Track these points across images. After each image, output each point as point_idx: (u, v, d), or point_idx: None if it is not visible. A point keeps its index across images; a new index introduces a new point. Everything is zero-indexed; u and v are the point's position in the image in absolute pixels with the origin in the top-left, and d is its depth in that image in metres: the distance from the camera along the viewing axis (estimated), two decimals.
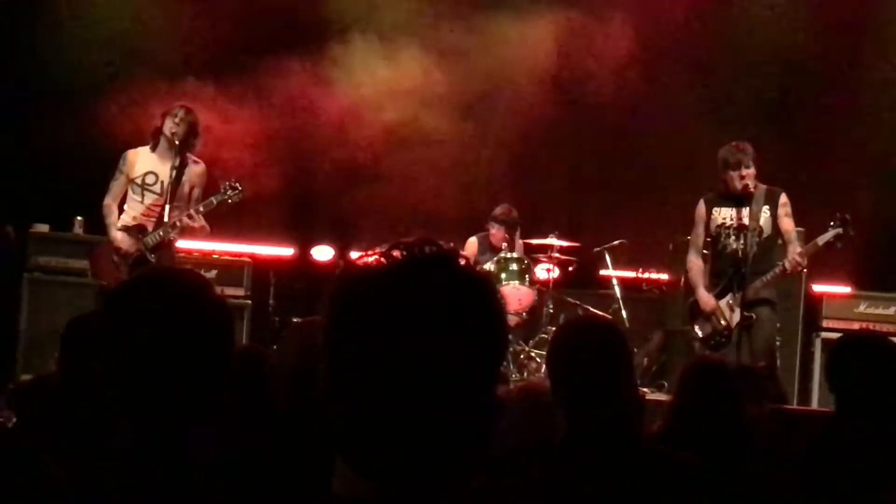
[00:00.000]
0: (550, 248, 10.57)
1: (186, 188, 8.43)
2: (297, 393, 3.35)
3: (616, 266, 10.94)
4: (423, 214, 10.78)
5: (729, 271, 8.24)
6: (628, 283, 11.08)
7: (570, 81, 11.59)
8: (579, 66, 11.49)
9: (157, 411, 2.20)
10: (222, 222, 10.80)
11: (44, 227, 10.22)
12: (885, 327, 9.62)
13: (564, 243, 10.62)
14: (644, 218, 10.92)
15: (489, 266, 10.16)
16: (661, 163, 11.19)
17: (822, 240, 8.12)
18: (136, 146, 8.78)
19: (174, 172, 8.30)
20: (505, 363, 9.80)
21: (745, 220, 8.12)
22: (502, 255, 10.32)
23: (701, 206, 8.42)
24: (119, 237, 8.35)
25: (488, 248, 10.63)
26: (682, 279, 10.34)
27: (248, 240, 11.12)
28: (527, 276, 10.27)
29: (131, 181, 8.41)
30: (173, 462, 2.16)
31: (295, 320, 8.55)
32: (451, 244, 1.67)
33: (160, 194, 8.37)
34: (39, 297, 9.76)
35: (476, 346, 1.57)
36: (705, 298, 8.31)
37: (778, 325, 8.77)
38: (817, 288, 10.37)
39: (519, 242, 10.72)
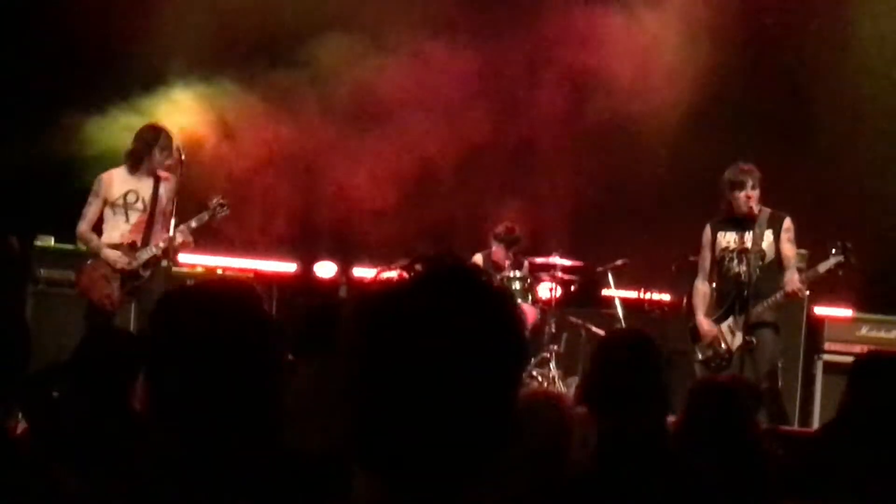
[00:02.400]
0: (553, 266, 10.59)
1: (164, 202, 8.59)
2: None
3: (618, 286, 10.95)
4: (427, 231, 10.81)
5: (731, 294, 8.27)
6: (630, 303, 11.08)
7: (574, 101, 11.61)
8: (583, 85, 11.53)
9: (203, 425, 2.19)
10: (225, 238, 10.86)
11: (48, 240, 10.22)
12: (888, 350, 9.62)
13: (567, 262, 10.65)
14: (647, 238, 10.93)
15: None
16: (665, 183, 11.23)
17: (823, 267, 8.16)
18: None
19: (153, 189, 8.50)
20: None
21: (748, 244, 8.15)
22: (506, 273, 10.35)
23: (707, 230, 8.46)
24: (112, 255, 8.47)
25: (491, 267, 10.66)
26: (685, 300, 10.36)
27: (251, 255, 11.14)
28: (529, 294, 10.30)
29: (111, 203, 8.53)
30: (219, 476, 2.16)
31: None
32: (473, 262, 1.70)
33: (143, 210, 8.51)
34: (43, 309, 9.76)
35: (498, 358, 1.60)
36: (705, 327, 8.34)
37: (780, 346, 8.81)
38: (819, 311, 10.37)
39: (524, 262, 10.74)
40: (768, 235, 8.26)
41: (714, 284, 8.54)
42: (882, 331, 10.27)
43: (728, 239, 8.31)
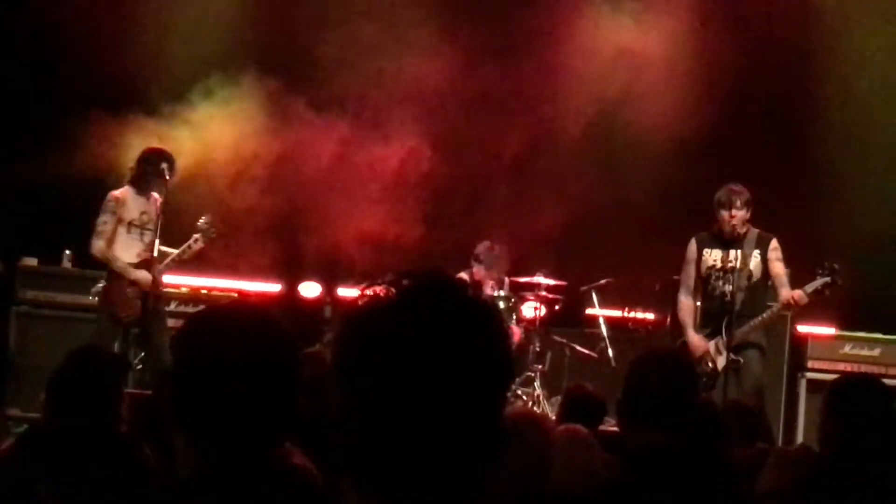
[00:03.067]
0: (537, 286, 10.61)
1: (159, 222, 8.75)
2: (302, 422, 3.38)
3: (603, 305, 10.97)
4: (411, 251, 10.81)
5: (717, 314, 8.29)
6: (615, 322, 11.11)
7: (558, 120, 11.66)
8: (566, 105, 11.57)
9: (223, 443, 2.25)
10: (210, 259, 10.84)
11: (32, 261, 10.20)
12: (871, 368, 9.66)
13: (551, 282, 10.67)
14: (630, 257, 10.96)
15: None
16: (648, 202, 11.26)
17: (810, 287, 8.20)
18: (122, 179, 8.98)
19: (156, 209, 8.67)
20: None
21: (735, 263, 8.18)
22: (490, 292, 10.36)
23: (692, 245, 8.47)
24: (142, 276, 8.59)
25: (473, 285, 10.68)
26: (669, 319, 10.40)
27: (235, 276, 11.12)
28: (514, 314, 10.32)
29: (128, 223, 8.64)
30: (237, 493, 2.21)
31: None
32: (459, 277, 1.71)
33: (154, 230, 8.62)
34: (28, 331, 9.74)
35: (484, 373, 1.60)
36: (695, 342, 8.33)
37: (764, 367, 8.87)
38: (802, 329, 10.41)
39: (506, 280, 10.76)
40: (756, 255, 8.30)
41: (699, 303, 8.55)
42: (865, 349, 10.31)
43: (714, 257, 8.34)
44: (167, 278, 10.46)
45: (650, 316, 11.26)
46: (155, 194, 8.75)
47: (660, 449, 3.42)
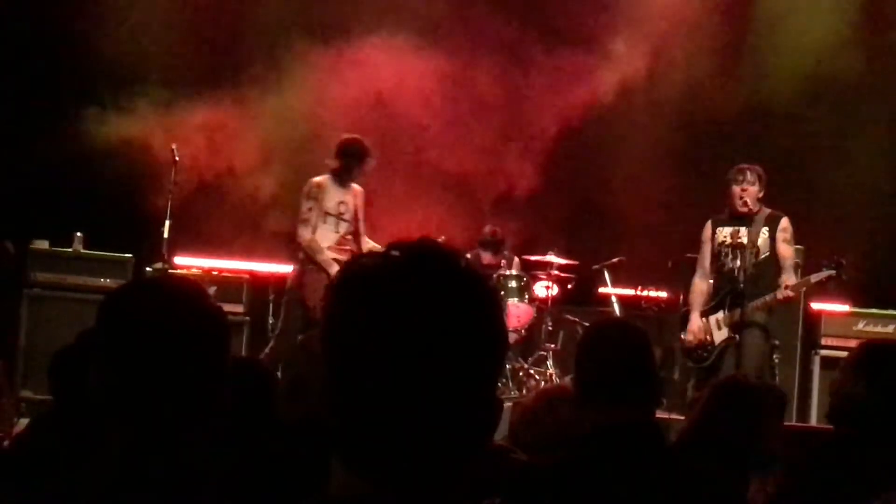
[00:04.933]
0: (549, 265, 10.58)
1: (361, 214, 8.85)
2: (299, 402, 3.37)
3: (615, 283, 10.93)
4: (422, 232, 10.77)
5: (724, 289, 8.31)
6: (627, 300, 11.06)
7: (568, 105, 11.61)
8: (582, 83, 11.53)
9: (151, 418, 2.21)
10: (220, 240, 10.85)
11: (43, 243, 10.20)
12: None
13: (563, 261, 10.63)
14: (643, 235, 10.93)
15: None
16: (660, 181, 11.22)
17: (814, 278, 8.24)
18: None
19: (354, 200, 8.72)
20: (504, 380, 9.82)
21: (743, 240, 8.16)
22: (501, 272, 10.36)
23: (708, 226, 8.49)
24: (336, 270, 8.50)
25: (482, 268, 10.67)
26: (681, 297, 10.35)
27: (246, 257, 11.11)
28: (526, 293, 10.29)
29: (325, 212, 8.64)
30: (168, 469, 2.17)
31: (299, 337, 8.55)
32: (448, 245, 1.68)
33: (350, 222, 8.68)
34: (39, 313, 9.75)
35: (476, 344, 1.57)
36: (693, 325, 8.41)
37: (777, 342, 8.83)
38: (816, 306, 10.35)
39: (515, 259, 10.75)
40: (764, 233, 8.27)
41: (712, 281, 8.54)
42: (879, 325, 10.26)
43: (725, 233, 8.34)
44: (178, 259, 10.51)
45: (663, 294, 11.22)
46: (356, 186, 8.79)
47: (618, 426, 3.28)
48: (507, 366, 10.01)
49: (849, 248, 8.73)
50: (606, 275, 10.89)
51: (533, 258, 10.79)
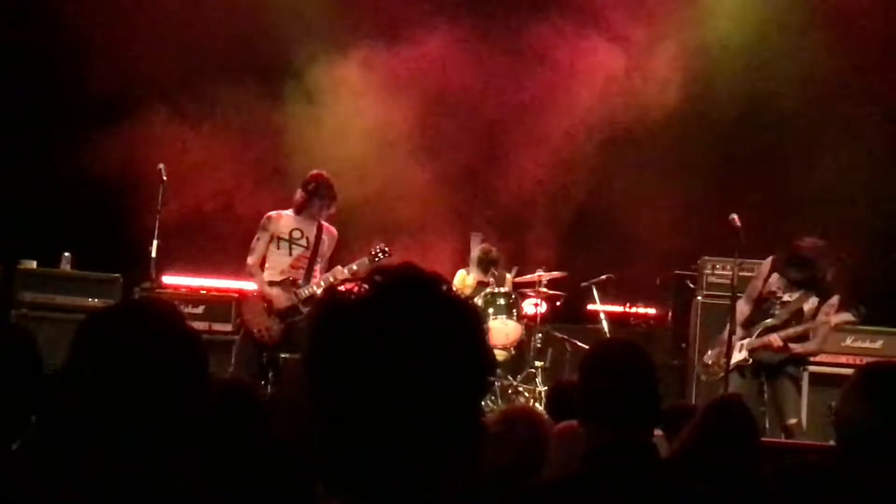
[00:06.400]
0: (538, 282, 10.59)
1: (325, 248, 8.99)
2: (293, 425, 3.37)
3: (604, 301, 10.94)
4: (414, 249, 10.79)
5: (759, 325, 8.44)
6: (616, 317, 11.09)
7: (559, 119, 11.64)
8: (569, 102, 11.55)
9: (129, 443, 2.20)
10: (210, 258, 10.84)
11: (31, 263, 10.18)
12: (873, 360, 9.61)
13: (553, 274, 10.62)
14: (631, 253, 10.95)
15: (477, 300, 10.21)
16: (648, 199, 11.23)
17: (838, 318, 8.45)
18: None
19: (316, 232, 8.91)
20: (492, 397, 9.81)
21: (790, 299, 8.40)
22: (490, 290, 10.37)
23: (768, 265, 8.60)
24: (275, 293, 8.76)
25: (475, 284, 10.68)
26: (669, 313, 10.39)
27: (235, 275, 11.10)
28: (514, 310, 10.29)
29: (277, 238, 8.86)
30: (149, 495, 2.16)
31: (283, 356, 8.55)
32: (435, 270, 1.68)
33: (307, 247, 8.87)
34: None
35: (458, 369, 1.58)
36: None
37: None
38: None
39: (508, 277, 10.75)
40: (814, 302, 8.45)
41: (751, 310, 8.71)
42: (867, 341, 10.27)
43: (780, 285, 8.46)
44: (167, 279, 10.50)
45: (651, 311, 11.26)
46: (328, 225, 9.03)
47: (623, 446, 3.30)
48: (496, 383, 10.01)
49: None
50: (595, 292, 10.89)
51: (522, 277, 10.80)
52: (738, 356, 8.44)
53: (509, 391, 10.19)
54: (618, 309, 11.30)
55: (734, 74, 11.44)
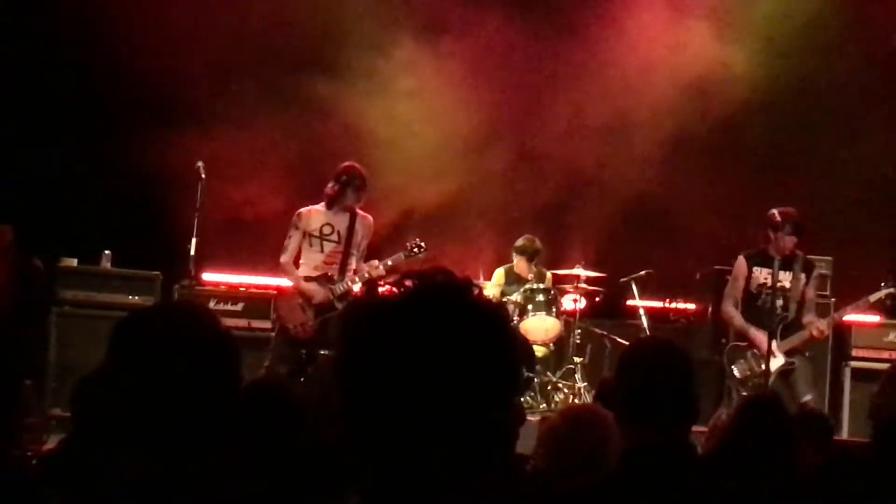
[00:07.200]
0: (577, 278, 10.55)
1: (359, 238, 9.00)
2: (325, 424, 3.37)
3: (643, 296, 10.87)
4: (451, 245, 10.79)
5: (771, 325, 8.35)
6: (655, 312, 11.03)
7: (599, 118, 11.59)
8: (608, 97, 11.50)
9: (161, 444, 2.21)
10: (248, 255, 10.87)
11: (72, 261, 10.26)
12: None
13: (591, 273, 10.60)
14: (671, 248, 10.89)
15: (516, 297, 10.20)
16: (687, 193, 11.17)
17: (873, 297, 8.61)
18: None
19: (349, 223, 8.93)
20: (532, 394, 9.79)
21: (787, 284, 8.40)
22: (529, 286, 10.33)
23: (741, 262, 8.58)
24: (312, 288, 8.85)
25: (515, 280, 10.64)
26: (709, 309, 10.33)
27: (274, 272, 11.13)
28: (553, 307, 10.26)
29: (308, 235, 8.91)
30: (178, 491, 2.17)
31: (322, 352, 8.57)
32: (466, 274, 1.67)
33: (338, 242, 8.92)
34: (68, 331, 9.79)
35: (488, 373, 1.57)
36: (761, 338, 8.42)
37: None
38: (846, 317, 10.28)
39: (548, 274, 10.71)
40: (802, 278, 8.52)
41: (745, 314, 8.62)
42: None
43: (763, 275, 8.48)
44: (206, 276, 10.55)
45: (691, 306, 11.19)
46: (361, 212, 9.06)
47: (660, 446, 3.28)
48: (535, 379, 9.99)
49: (874, 260, 8.75)
50: (634, 287, 10.83)
51: (561, 272, 10.76)
52: (776, 362, 8.37)
53: (549, 387, 10.16)
54: (657, 304, 11.24)
55: (788, 70, 11.36)
